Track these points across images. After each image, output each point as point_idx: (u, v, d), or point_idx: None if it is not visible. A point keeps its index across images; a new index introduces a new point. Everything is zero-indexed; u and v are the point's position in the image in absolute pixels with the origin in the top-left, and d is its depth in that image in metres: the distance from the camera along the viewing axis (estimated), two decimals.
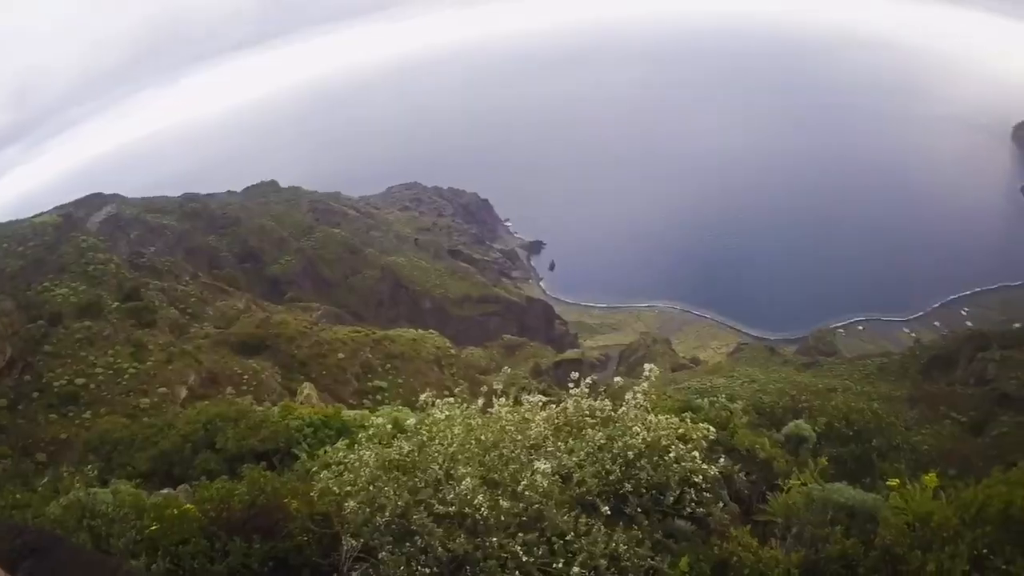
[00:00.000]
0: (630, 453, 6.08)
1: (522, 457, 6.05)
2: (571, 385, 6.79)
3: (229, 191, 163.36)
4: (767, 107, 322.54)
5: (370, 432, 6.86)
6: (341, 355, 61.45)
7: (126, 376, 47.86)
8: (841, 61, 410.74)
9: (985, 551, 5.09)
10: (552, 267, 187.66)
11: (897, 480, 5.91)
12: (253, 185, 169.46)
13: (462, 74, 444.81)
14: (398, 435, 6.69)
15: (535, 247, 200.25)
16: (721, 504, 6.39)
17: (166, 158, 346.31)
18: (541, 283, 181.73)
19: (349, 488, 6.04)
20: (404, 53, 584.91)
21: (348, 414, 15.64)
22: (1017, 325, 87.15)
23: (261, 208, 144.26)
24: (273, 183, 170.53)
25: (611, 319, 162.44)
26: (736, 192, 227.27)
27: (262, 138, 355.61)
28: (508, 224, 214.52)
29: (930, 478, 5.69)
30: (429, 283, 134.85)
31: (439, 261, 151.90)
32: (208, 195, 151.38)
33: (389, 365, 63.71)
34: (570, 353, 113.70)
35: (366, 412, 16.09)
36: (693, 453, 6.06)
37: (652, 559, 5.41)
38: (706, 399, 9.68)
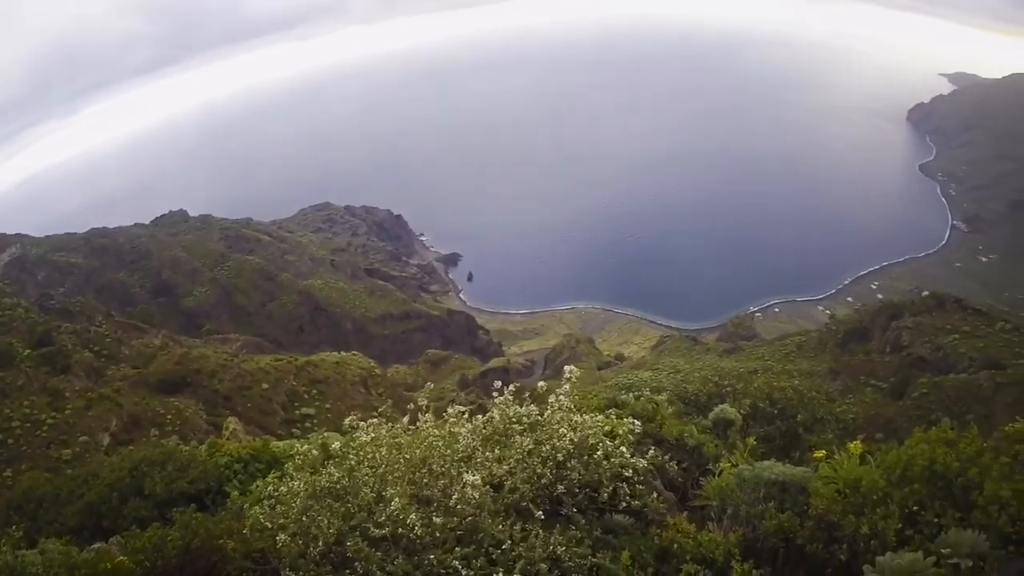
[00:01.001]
0: (559, 455, 6.07)
1: (452, 471, 5.99)
2: (495, 394, 6.74)
3: (137, 223, 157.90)
4: (676, 107, 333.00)
5: (297, 461, 6.76)
6: (265, 385, 60.06)
7: (45, 427, 45.61)
8: (744, 60, 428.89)
9: (915, 508, 5.26)
10: (470, 278, 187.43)
11: (823, 451, 6.05)
12: (162, 216, 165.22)
13: (368, 90, 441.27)
14: (327, 461, 6.57)
15: (452, 259, 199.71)
16: (656, 494, 6.43)
17: (69, 192, 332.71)
18: (461, 295, 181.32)
19: (282, 521, 5.91)
20: (307, 72, 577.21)
21: (277, 445, 15.29)
22: (926, 293, 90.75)
23: (172, 239, 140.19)
24: (182, 212, 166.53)
25: (533, 324, 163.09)
26: (650, 190, 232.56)
27: (168, 166, 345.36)
28: (423, 238, 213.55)
29: (855, 445, 5.85)
30: (348, 304, 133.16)
31: (357, 281, 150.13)
32: (116, 229, 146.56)
33: (315, 391, 62.56)
34: (495, 362, 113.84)
35: (294, 442, 15.76)
36: (621, 449, 6.08)
37: (593, 556, 5.40)
38: (631, 394, 9.77)
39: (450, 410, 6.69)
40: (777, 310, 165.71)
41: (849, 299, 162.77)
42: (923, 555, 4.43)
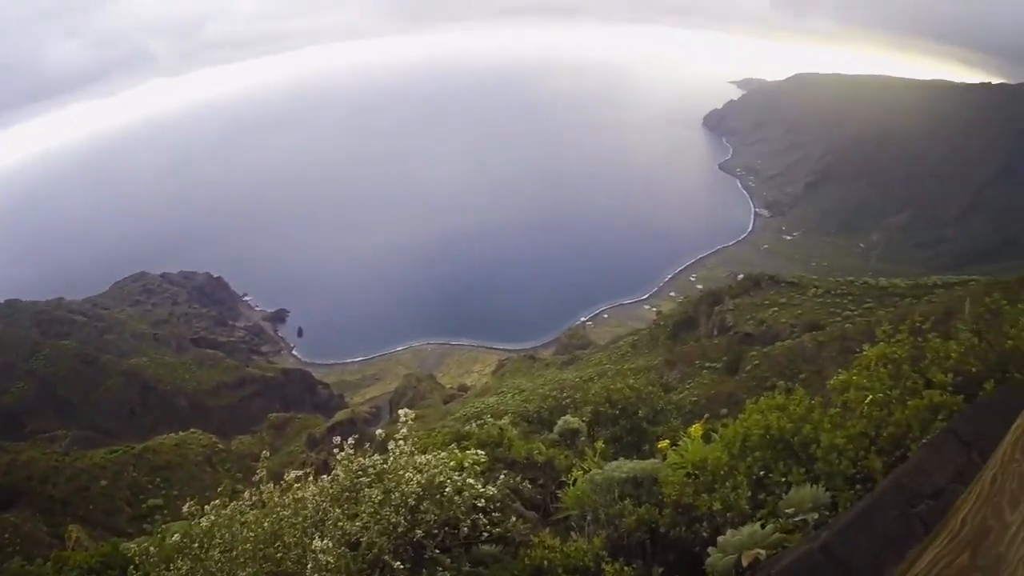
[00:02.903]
0: (411, 500, 5.90)
1: (305, 539, 5.69)
2: (336, 450, 6.43)
3: None
4: (485, 136, 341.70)
5: (138, 563, 6.30)
6: (104, 482, 55.60)
7: None
8: (545, 86, 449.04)
9: (762, 473, 5.44)
10: (300, 333, 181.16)
11: (666, 441, 6.18)
12: None
13: (176, 146, 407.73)
14: (175, 555, 6.08)
15: (279, 316, 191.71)
16: (515, 517, 6.34)
17: None
18: (294, 351, 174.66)
19: None
20: (111, 130, 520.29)
21: (128, 546, 14.02)
22: (741, 276, 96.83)
23: None
24: None
25: (371, 370, 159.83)
26: (468, 220, 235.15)
27: None
28: (247, 298, 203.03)
29: (696, 428, 6.03)
30: (179, 379, 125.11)
31: (184, 353, 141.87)
32: None
33: (159, 479, 58.56)
34: (340, 415, 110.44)
35: (145, 539, 14.52)
36: (469, 481, 5.97)
37: None
38: (474, 423, 9.71)
39: (289, 476, 6.33)
40: (606, 315, 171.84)
41: (672, 294, 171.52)
42: (761, 525, 4.57)
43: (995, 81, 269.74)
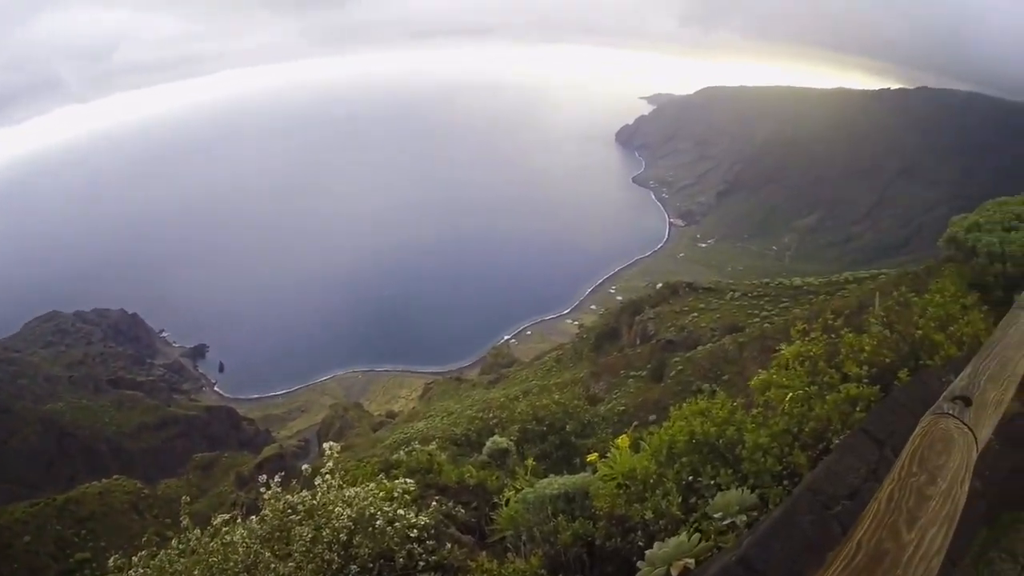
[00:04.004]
0: (342, 535, 5.73)
1: None
2: (262, 489, 6.22)
3: None
4: (401, 159, 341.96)
5: None
6: (27, 538, 52.89)
7: None
8: (460, 108, 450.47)
9: (691, 478, 5.51)
10: (222, 368, 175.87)
11: (595, 454, 6.22)
12: None
13: (86, 176, 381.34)
14: None
15: (199, 351, 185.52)
16: (451, 544, 6.25)
17: None
18: (216, 388, 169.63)
19: None
20: (16, 161, 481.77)
21: None
22: (660, 285, 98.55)
23: None
24: None
25: (297, 402, 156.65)
26: (387, 243, 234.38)
27: None
28: (165, 335, 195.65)
29: (623, 439, 6.08)
30: (98, 423, 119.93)
31: (102, 395, 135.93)
32: None
33: (85, 531, 55.91)
34: (268, 450, 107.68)
35: None
36: (400, 511, 5.86)
37: None
38: (403, 450, 9.60)
39: (215, 520, 6.08)
40: (529, 332, 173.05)
41: (593, 307, 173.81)
42: (696, 528, 4.63)
43: (894, 87, 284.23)
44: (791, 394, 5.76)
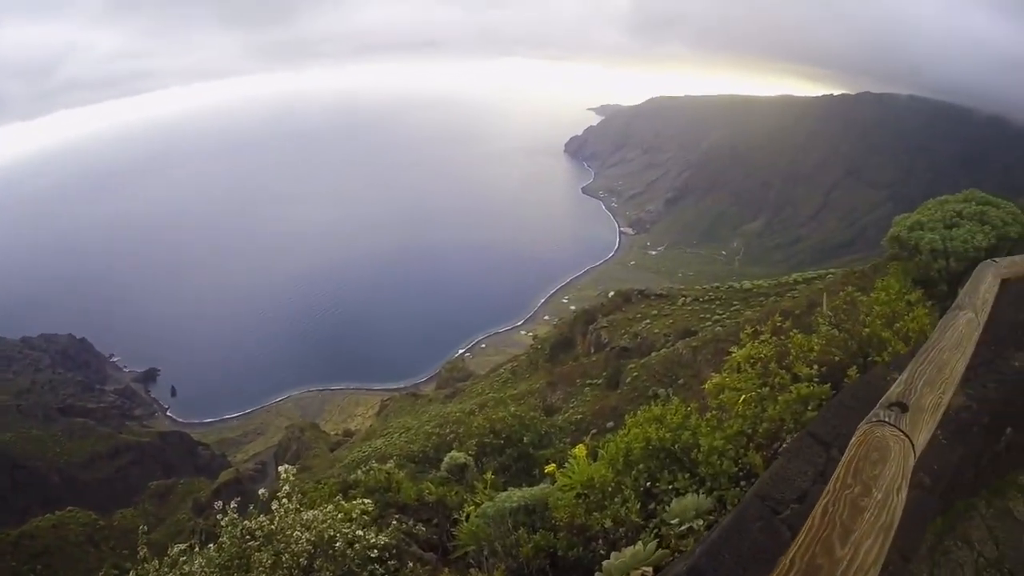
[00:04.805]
0: (302, 560, 5.64)
1: None
2: (219, 515, 6.07)
3: None
4: (351, 175, 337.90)
5: None
6: None
7: None
8: (408, 122, 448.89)
9: (649, 484, 5.55)
10: (174, 392, 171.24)
11: (552, 465, 6.23)
12: None
13: (29, 196, 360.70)
14: None
15: (150, 376, 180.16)
16: (413, 561, 6.20)
17: None
18: (168, 413, 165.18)
19: None
20: None
21: None
22: (612, 293, 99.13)
23: None
24: None
25: (252, 424, 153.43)
26: (337, 260, 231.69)
27: None
28: (115, 360, 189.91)
29: (579, 449, 6.11)
30: (49, 453, 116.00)
31: (52, 424, 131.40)
32: None
33: (40, 566, 54.19)
34: (224, 475, 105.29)
35: None
36: (358, 532, 5.79)
37: None
38: (360, 469, 9.46)
39: (172, 551, 5.93)
40: (484, 345, 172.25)
41: (547, 317, 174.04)
42: (654, 533, 4.66)
43: (836, 92, 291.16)
44: (744, 396, 5.84)
